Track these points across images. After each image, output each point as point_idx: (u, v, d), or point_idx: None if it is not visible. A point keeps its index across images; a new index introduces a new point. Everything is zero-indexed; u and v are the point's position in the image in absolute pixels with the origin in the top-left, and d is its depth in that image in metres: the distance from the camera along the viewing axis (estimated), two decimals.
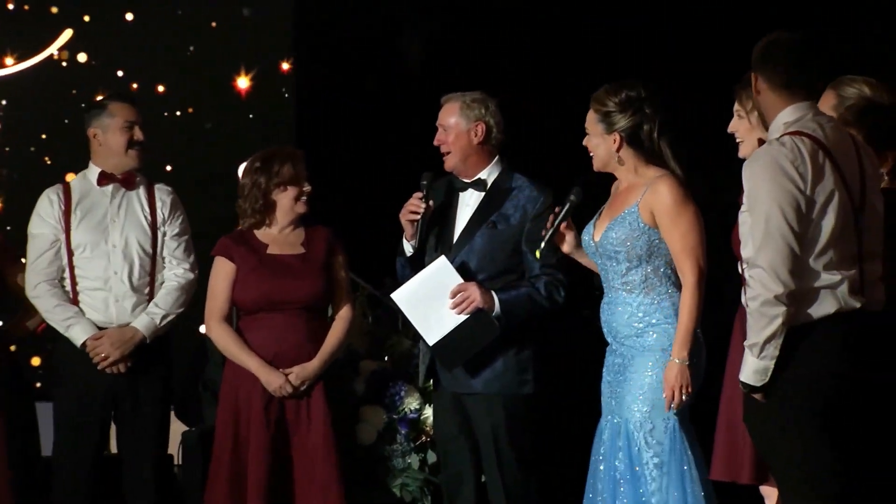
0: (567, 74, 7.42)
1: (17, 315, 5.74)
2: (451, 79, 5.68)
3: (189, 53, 8.25)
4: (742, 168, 4.17)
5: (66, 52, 8.08)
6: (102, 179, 5.60)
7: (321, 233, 5.51)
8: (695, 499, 4.71)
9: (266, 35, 8.29)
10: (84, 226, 5.54)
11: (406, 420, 6.44)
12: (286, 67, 8.31)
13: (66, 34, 8.05)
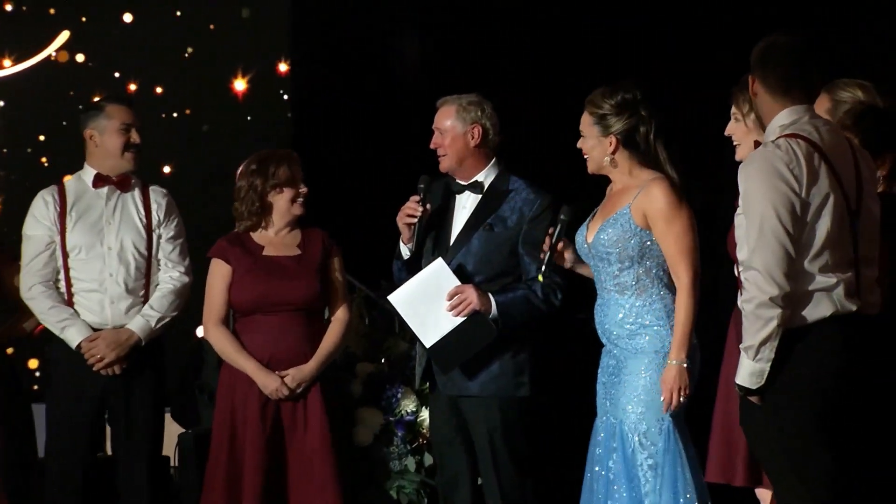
0: (566, 75, 7.41)
1: (14, 316, 5.74)
2: (450, 80, 5.68)
3: (187, 55, 8.25)
4: (737, 169, 4.18)
5: (66, 54, 8.09)
6: (98, 181, 5.60)
7: (317, 234, 5.51)
8: (687, 501, 4.71)
9: (264, 36, 8.29)
10: (79, 227, 5.54)
11: (403, 422, 6.44)
12: (284, 69, 8.31)
13: (64, 35, 8.05)
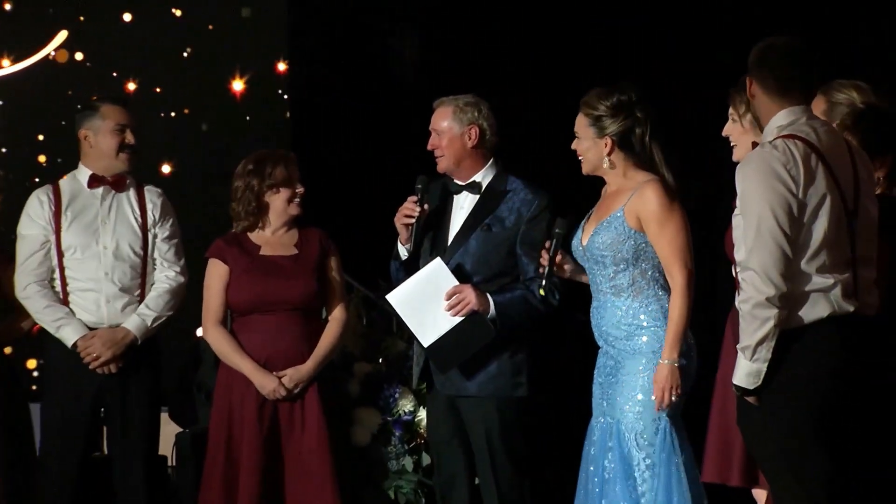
0: (566, 75, 7.41)
1: (11, 316, 5.74)
2: (449, 80, 5.68)
3: (186, 54, 8.25)
4: (735, 171, 4.18)
5: (65, 53, 8.08)
6: (93, 182, 5.59)
7: (314, 234, 5.52)
8: (682, 501, 4.71)
9: (263, 36, 8.29)
10: (75, 227, 5.54)
11: (400, 422, 6.43)
12: (282, 69, 8.31)
13: (62, 35, 8.05)
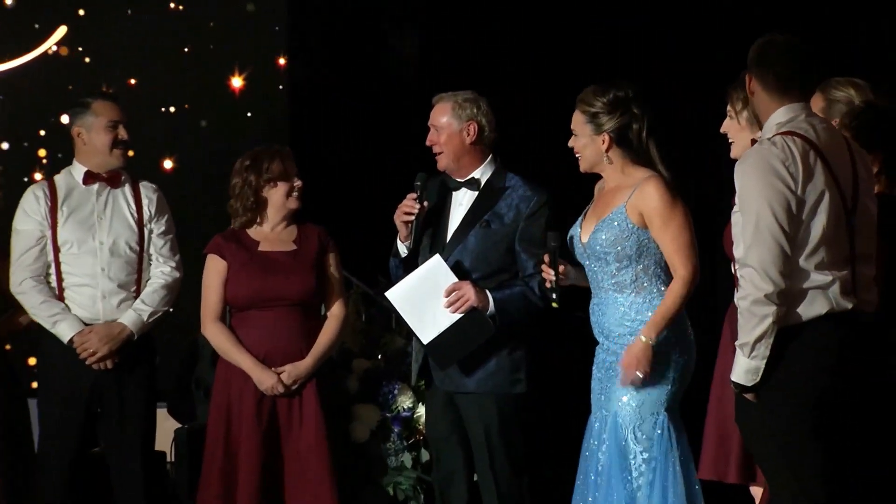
0: (566, 75, 7.41)
1: (9, 312, 5.74)
2: (449, 77, 5.67)
3: (186, 50, 8.25)
4: (734, 168, 4.19)
5: (66, 48, 8.08)
6: (88, 178, 5.58)
7: (313, 230, 5.52)
8: (676, 496, 4.72)
9: (263, 34, 8.28)
10: (71, 223, 5.53)
11: (399, 418, 6.43)
12: (282, 64, 8.30)
13: (61, 31, 8.05)
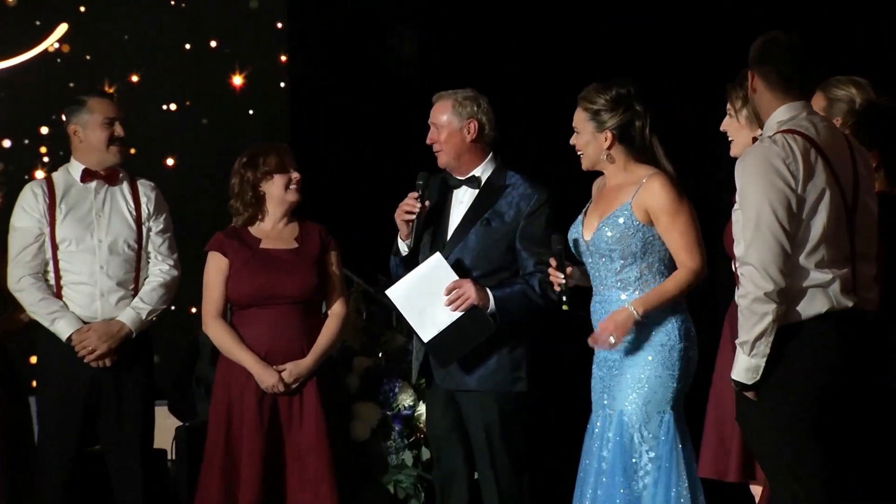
0: (566, 75, 7.41)
1: (9, 311, 5.73)
2: (448, 77, 5.67)
3: (188, 48, 8.24)
4: (734, 166, 4.19)
5: (68, 45, 8.08)
6: (85, 176, 5.57)
7: (314, 229, 5.53)
8: (681, 493, 4.73)
9: (263, 32, 8.28)
10: (69, 220, 5.53)
11: (400, 417, 6.43)
12: (283, 62, 8.30)
13: (62, 28, 8.05)
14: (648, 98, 4.93)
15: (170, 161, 8.15)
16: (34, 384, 5.74)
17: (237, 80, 8.22)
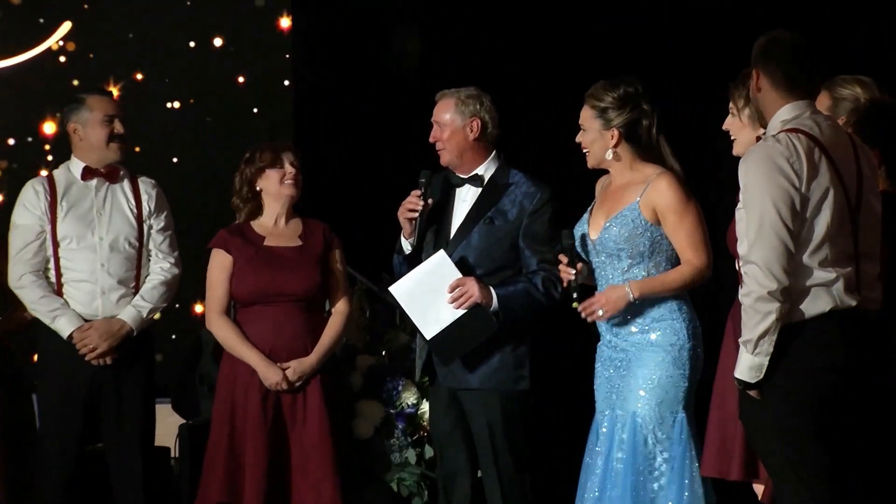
0: (566, 75, 7.42)
1: (10, 309, 5.73)
2: (449, 76, 5.67)
3: (192, 45, 8.24)
4: (737, 165, 4.19)
5: (73, 44, 8.07)
6: (86, 174, 5.57)
7: (318, 227, 5.54)
8: (694, 493, 4.74)
9: (270, 28, 8.27)
10: (70, 218, 5.52)
11: (403, 415, 6.43)
12: (288, 57, 8.30)
13: (66, 26, 8.05)
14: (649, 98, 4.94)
15: (173, 159, 8.15)
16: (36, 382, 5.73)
17: (242, 78, 8.22)
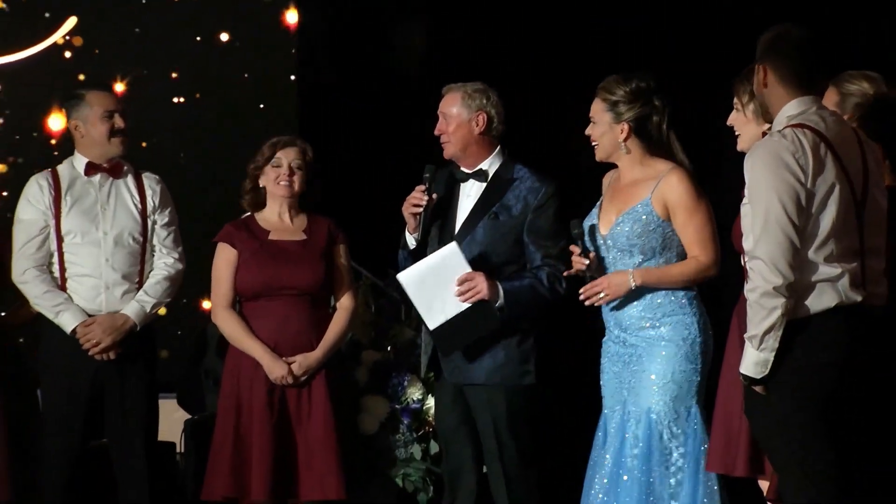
0: (566, 75, 7.43)
1: (16, 305, 5.73)
2: (451, 75, 5.68)
3: (198, 40, 8.24)
4: (742, 161, 4.19)
5: (80, 38, 8.07)
6: (89, 169, 5.56)
7: (323, 222, 5.53)
8: (710, 489, 4.75)
9: (276, 23, 8.27)
10: (74, 213, 5.52)
11: (408, 410, 6.44)
12: (294, 52, 8.30)
13: (71, 21, 8.05)
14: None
15: (179, 154, 8.15)
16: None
17: (247, 74, 8.22)
